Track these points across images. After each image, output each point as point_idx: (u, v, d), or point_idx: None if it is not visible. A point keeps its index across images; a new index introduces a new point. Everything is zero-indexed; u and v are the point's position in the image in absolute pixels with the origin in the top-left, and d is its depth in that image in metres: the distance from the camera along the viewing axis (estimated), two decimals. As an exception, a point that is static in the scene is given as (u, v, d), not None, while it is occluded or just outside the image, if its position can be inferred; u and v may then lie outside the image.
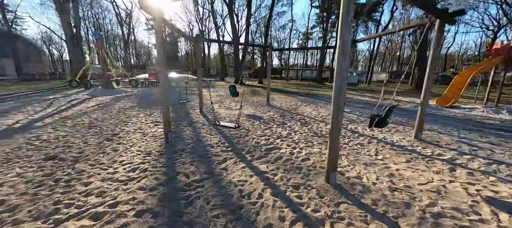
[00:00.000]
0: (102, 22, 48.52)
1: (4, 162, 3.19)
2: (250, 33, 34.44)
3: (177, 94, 12.24)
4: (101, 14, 47.76)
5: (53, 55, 60.55)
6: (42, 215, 2.05)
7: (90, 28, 43.31)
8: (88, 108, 7.48)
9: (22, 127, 5.06)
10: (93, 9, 44.96)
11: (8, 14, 33.24)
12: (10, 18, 34.13)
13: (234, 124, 5.18)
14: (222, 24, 34.91)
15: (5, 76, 27.69)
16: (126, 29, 38.66)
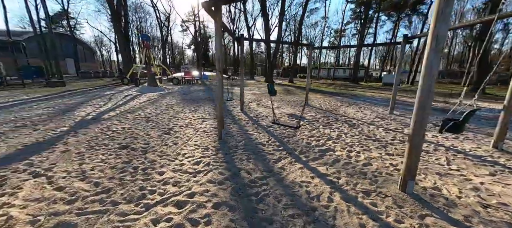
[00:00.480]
0: (143, 25, 53.22)
1: (89, 148, 3.67)
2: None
3: (213, 93, 12.70)
4: (143, 18, 52.41)
5: (103, 56, 68.33)
6: (133, 199, 2.27)
7: (133, 31, 47.96)
8: (141, 104, 8.23)
9: (94, 119, 5.78)
10: (137, 14, 49.58)
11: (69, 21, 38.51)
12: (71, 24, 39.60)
13: (295, 124, 5.12)
14: (253, 23, 35.21)
15: (67, 74, 32.11)
16: (164, 31, 41.68)
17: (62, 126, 5.02)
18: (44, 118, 5.75)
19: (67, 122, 5.39)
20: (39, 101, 8.40)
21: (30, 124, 5.15)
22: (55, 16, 41.17)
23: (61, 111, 6.67)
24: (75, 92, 11.54)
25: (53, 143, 3.90)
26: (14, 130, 4.67)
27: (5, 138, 4.13)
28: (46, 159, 3.22)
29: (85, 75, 27.95)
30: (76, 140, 4.04)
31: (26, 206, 2.12)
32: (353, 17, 37.85)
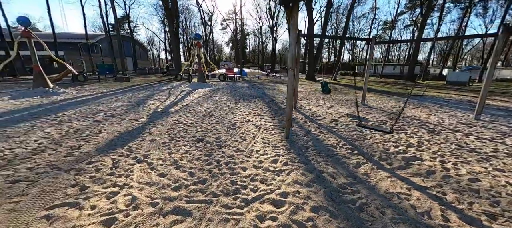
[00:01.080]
0: (188, 25, 57.28)
1: (170, 139, 4.04)
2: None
3: (259, 89, 12.83)
4: (188, 19, 56.40)
5: (153, 54, 76.20)
6: (230, 192, 2.37)
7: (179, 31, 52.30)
8: (197, 99, 8.82)
9: (163, 112, 6.41)
10: (183, 15, 53.55)
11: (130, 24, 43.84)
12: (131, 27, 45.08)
13: (389, 128, 4.64)
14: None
15: (127, 70, 36.87)
16: (207, 30, 44.10)
17: (141, 117, 5.69)
18: (124, 109, 6.63)
19: (143, 113, 6.10)
20: (116, 94, 9.79)
21: (116, 114, 6.00)
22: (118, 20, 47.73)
23: (135, 103, 7.62)
24: (139, 87, 13.10)
25: (140, 132, 4.43)
26: (107, 119, 5.49)
27: (103, 125, 4.87)
28: (140, 146, 3.65)
29: (142, 72, 31.62)
30: (158, 131, 4.51)
31: (142, 189, 2.41)
32: (410, 5, 33.42)
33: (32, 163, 2.98)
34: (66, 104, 7.49)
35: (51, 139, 3.97)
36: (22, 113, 5.99)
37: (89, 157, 3.20)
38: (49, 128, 4.64)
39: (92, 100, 8.31)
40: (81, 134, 4.27)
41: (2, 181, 2.51)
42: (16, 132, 4.35)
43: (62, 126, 4.80)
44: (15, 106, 7.07)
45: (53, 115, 5.82)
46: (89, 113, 6.08)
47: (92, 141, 3.86)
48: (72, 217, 1.93)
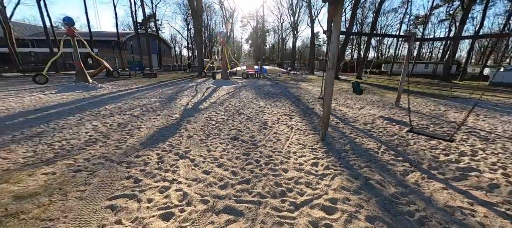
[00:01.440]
0: (208, 22, 58.41)
1: (206, 136, 4.14)
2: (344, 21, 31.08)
3: (282, 88, 12.66)
4: (209, 16, 57.50)
5: (175, 51, 79.05)
6: (276, 195, 2.35)
7: (201, 28, 53.77)
8: (223, 96, 8.96)
9: (193, 109, 6.61)
10: (205, 12, 54.68)
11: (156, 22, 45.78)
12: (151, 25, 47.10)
13: (447, 136, 4.27)
14: (316, 15, 33.30)
15: (153, 67, 38.67)
16: (229, 27, 44.58)
17: (174, 113, 5.92)
18: (158, 105, 6.96)
19: (175, 109, 6.34)
20: (147, 90, 10.31)
21: (151, 109, 6.31)
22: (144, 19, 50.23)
23: (166, 99, 7.96)
24: (167, 83, 13.68)
25: (177, 128, 4.60)
26: (144, 114, 5.79)
27: (142, 120, 5.15)
28: (179, 142, 3.79)
29: (166, 68, 32.97)
30: (193, 128, 4.65)
31: (190, 185, 2.49)
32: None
33: (87, 154, 3.23)
34: (106, 98, 8.06)
35: (99, 131, 4.29)
36: (69, 106, 6.57)
37: (136, 150, 3.39)
38: (95, 121, 5.02)
39: (127, 95, 8.85)
40: (124, 128, 4.55)
41: (65, 170, 2.75)
42: (68, 124, 4.77)
43: (106, 119, 5.17)
44: (62, 99, 7.77)
45: (96, 109, 6.30)
46: (127, 108, 6.48)
47: (135, 135, 4.09)
48: (133, 209, 2.04)
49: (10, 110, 5.98)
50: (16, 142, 3.67)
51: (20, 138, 3.85)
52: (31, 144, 3.57)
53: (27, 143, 3.62)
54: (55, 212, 1.96)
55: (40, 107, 6.49)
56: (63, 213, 1.94)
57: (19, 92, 9.19)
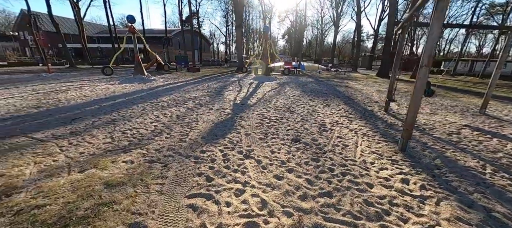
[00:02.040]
0: (246, 17, 58.95)
1: (264, 136, 3.92)
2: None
3: (328, 86, 11.80)
4: (247, 11, 57.99)
5: (213, 47, 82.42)
6: (371, 216, 1.95)
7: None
8: (269, 93, 8.72)
9: (242, 104, 6.52)
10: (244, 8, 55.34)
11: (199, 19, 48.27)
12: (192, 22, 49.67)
13: None
14: (365, 7, 30.37)
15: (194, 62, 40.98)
16: (267, 22, 44.28)
17: (225, 108, 5.90)
18: (208, 99, 7.09)
19: (225, 104, 6.34)
20: (194, 84, 10.77)
21: (203, 103, 6.44)
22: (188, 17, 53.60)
23: (214, 94, 8.10)
24: (210, 78, 14.15)
25: (232, 124, 4.51)
26: (197, 107, 5.93)
27: (197, 114, 5.24)
28: (239, 140, 3.65)
29: (206, 63, 34.54)
30: (248, 125, 4.50)
31: (265, 191, 2.26)
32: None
33: (156, 145, 3.33)
34: (160, 90, 8.63)
35: (161, 122, 4.47)
36: (132, 96, 7.19)
37: (199, 145, 3.37)
38: (156, 112, 5.31)
39: (177, 88, 9.35)
40: (182, 120, 4.67)
41: (141, 160, 2.83)
42: (135, 113, 5.13)
43: (165, 111, 5.42)
44: (125, 89, 8.61)
45: (154, 100, 6.73)
46: (180, 100, 6.76)
47: (195, 129, 4.12)
48: (214, 212, 1.91)
49: (87, 98, 6.82)
50: (96, 128, 4.04)
51: (98, 124, 4.25)
52: (108, 131, 3.88)
53: (105, 129, 3.95)
54: (142, 205, 1.95)
55: (109, 96, 7.26)
56: (150, 208, 1.91)
57: (91, 82, 10.58)
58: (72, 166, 2.60)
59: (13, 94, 7.17)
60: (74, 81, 10.81)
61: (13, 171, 2.43)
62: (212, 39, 75.82)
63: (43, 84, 9.69)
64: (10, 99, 6.37)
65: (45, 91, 7.76)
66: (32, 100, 6.34)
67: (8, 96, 6.84)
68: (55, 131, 3.82)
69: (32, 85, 9.28)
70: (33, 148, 3.08)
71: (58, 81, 10.88)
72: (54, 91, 7.88)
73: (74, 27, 38.91)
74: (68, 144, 3.28)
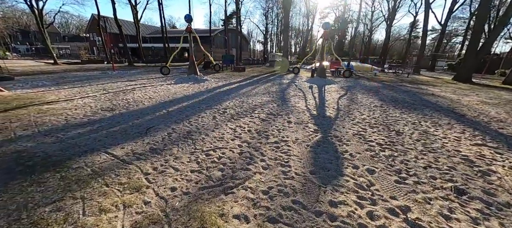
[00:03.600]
0: (287, 16, 57.18)
1: (400, 176, 2.71)
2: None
3: (406, 93, 9.72)
4: (288, 9, 56.18)
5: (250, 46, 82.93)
6: None
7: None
8: (342, 101, 7.36)
9: (321, 116, 5.37)
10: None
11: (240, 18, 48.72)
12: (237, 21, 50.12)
13: None
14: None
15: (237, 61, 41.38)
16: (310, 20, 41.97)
17: (305, 121, 4.85)
18: (275, 106, 6.15)
19: (301, 115, 5.29)
20: (248, 85, 10.04)
21: (275, 113, 5.52)
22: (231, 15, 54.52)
23: (278, 99, 7.15)
24: (259, 78, 13.35)
25: (334, 150, 3.41)
26: (272, 119, 5.01)
27: (278, 129, 4.30)
28: (368, 183, 2.53)
29: (246, 62, 34.35)
30: (357, 152, 3.34)
31: None
32: None
33: (260, 183, 2.45)
34: (219, 93, 8.09)
35: (243, 140, 3.66)
36: (194, 100, 6.73)
37: (317, 187, 2.36)
38: (229, 123, 4.57)
39: (235, 91, 8.71)
40: (266, 138, 3.78)
41: (257, 214, 1.96)
42: (207, 123, 4.47)
43: (238, 122, 4.65)
44: (184, 91, 8.34)
45: (219, 105, 6.10)
46: (247, 107, 5.98)
47: (291, 155, 3.16)
48: None
49: (152, 100, 6.60)
50: (174, 143, 3.43)
51: (175, 138, 3.65)
52: (189, 150, 3.21)
53: (185, 147, 3.29)
54: None
55: (172, 98, 6.96)
56: None
57: (149, 81, 10.81)
58: (171, 219, 1.85)
59: (88, 93, 7.46)
60: (135, 80, 11.25)
61: (103, 224, 1.79)
62: (249, 37, 76.32)
63: (110, 82, 10.22)
64: (86, 99, 6.51)
65: (114, 91, 7.94)
66: (105, 100, 6.36)
67: (84, 95, 7.09)
68: (133, 145, 3.32)
69: (102, 83, 9.82)
70: (116, 174, 2.52)
71: (122, 79, 11.47)
72: (121, 90, 8.03)
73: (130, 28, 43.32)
74: (152, 169, 2.66)
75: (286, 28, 18.11)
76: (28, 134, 3.64)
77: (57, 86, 8.79)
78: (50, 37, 28.51)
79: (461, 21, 45.13)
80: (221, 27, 50.42)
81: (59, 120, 4.48)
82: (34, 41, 52.90)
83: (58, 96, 6.89)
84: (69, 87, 8.63)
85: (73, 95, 7.01)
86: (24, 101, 5.95)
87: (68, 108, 5.40)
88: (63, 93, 7.32)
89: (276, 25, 61.56)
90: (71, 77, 11.72)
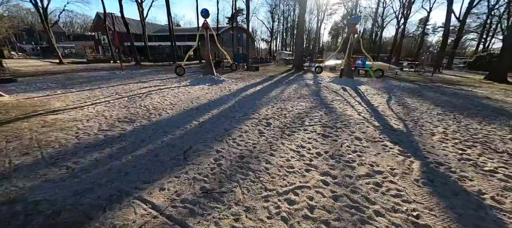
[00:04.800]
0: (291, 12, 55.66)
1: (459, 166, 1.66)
2: None
3: (451, 95, 8.55)
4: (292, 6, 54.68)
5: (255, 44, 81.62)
6: None
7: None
8: (393, 107, 6.29)
9: (391, 129, 4.32)
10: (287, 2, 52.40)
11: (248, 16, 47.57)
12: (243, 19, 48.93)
13: None
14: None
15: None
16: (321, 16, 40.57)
17: (374, 137, 3.81)
18: (324, 115, 5.11)
19: (365, 127, 4.24)
20: (272, 86, 9.00)
21: (330, 124, 4.49)
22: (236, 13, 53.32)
23: (320, 105, 6.11)
24: (278, 78, 12.28)
25: (428, 164, 2.38)
26: (331, 132, 3.98)
27: (354, 151, 3.27)
28: None
29: (255, 61, 33.24)
30: (469, 176, 2.30)
31: None
32: None
33: None
34: (246, 97, 7.08)
35: (323, 170, 2.64)
36: (223, 106, 5.73)
37: None
38: (285, 142, 3.56)
39: (261, 93, 7.70)
40: (351, 166, 2.76)
41: None
42: (258, 143, 3.47)
43: (295, 139, 3.63)
44: (206, 94, 7.34)
45: (255, 114, 5.09)
46: (292, 116, 4.95)
47: (413, 203, 2.14)
48: None
49: (175, 107, 5.62)
50: (231, 178, 2.43)
51: (228, 168, 2.65)
52: (258, 192, 2.21)
53: (250, 187, 2.29)
54: None
55: (196, 104, 5.98)
56: None
57: (163, 82, 9.85)
58: None
59: (99, 98, 6.52)
60: (147, 81, 10.31)
61: None
62: (254, 35, 75.07)
63: (121, 84, 9.28)
64: (98, 106, 5.57)
65: (128, 95, 6.99)
66: (120, 108, 5.40)
67: (96, 101, 6.15)
68: (175, 182, 2.34)
69: (113, 85, 8.89)
70: (168, 250, 1.53)
71: (133, 80, 10.54)
72: (136, 94, 7.06)
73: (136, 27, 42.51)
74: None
75: (302, 18, 16.81)
76: (28, 163, 2.68)
77: (64, 89, 7.88)
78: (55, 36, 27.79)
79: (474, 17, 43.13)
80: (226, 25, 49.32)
81: (69, 137, 3.52)
82: (39, 40, 52.58)
83: (65, 102, 5.95)
84: (78, 90, 7.71)
85: (83, 101, 6.07)
86: (26, 110, 5.02)
87: (79, 119, 4.45)
88: (71, 98, 6.38)
89: (281, 22, 60.27)
90: (79, 78, 10.83)
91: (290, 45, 68.95)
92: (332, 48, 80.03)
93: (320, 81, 11.72)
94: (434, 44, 74.71)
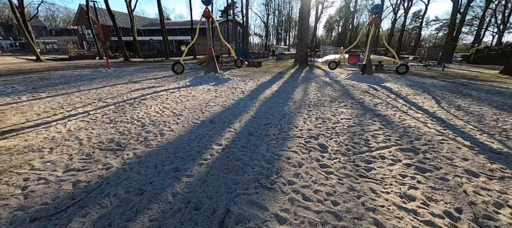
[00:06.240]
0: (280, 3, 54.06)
1: None
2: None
3: (490, 93, 7.46)
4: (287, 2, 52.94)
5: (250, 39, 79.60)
6: None
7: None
8: (444, 108, 5.09)
9: (438, 132, 3.08)
10: None
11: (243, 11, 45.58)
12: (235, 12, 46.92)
13: None
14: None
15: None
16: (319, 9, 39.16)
17: (489, 167, 2.56)
18: (373, 124, 3.82)
19: (463, 155, 3.00)
20: (288, 86, 7.64)
21: (405, 149, 3.20)
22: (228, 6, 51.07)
23: (362, 111, 4.82)
24: (288, 75, 10.94)
25: None
26: (388, 158, 2.70)
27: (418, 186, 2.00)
28: None
29: (254, 56, 31.69)
30: None
31: None
32: None
33: None
34: (266, 101, 5.70)
35: None
36: (243, 116, 4.33)
37: None
38: (363, 181, 2.24)
39: (278, 95, 6.33)
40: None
41: None
42: (335, 196, 2.12)
43: (377, 177, 2.32)
44: (214, 97, 5.91)
45: (293, 128, 3.73)
46: (344, 131, 3.62)
47: None
48: None
49: (180, 118, 4.16)
50: None
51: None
52: None
53: None
54: None
55: (208, 113, 4.55)
56: None
57: (158, 82, 8.28)
58: None
59: (75, 107, 4.96)
60: (139, 81, 8.71)
61: None
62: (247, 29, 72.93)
63: (107, 85, 7.66)
64: (72, 120, 4.04)
65: (115, 102, 5.45)
66: (104, 124, 3.90)
67: (70, 111, 4.60)
68: None
69: (96, 87, 7.27)
70: None
71: (122, 80, 8.90)
72: (127, 101, 5.53)
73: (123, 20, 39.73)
74: None
75: (307, 8, 15.40)
76: None
77: (32, 92, 6.23)
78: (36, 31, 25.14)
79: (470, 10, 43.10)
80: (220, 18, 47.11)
81: (12, 192, 2.06)
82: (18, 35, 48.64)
83: (27, 114, 4.38)
84: (49, 94, 6.09)
85: (52, 113, 4.51)
86: (-38, 130, 3.45)
87: (38, 148, 2.95)
88: (36, 108, 4.80)
89: (276, 16, 58.60)
90: (55, 78, 9.07)
91: (285, 40, 67.34)
92: (327, 42, 78.93)
93: (336, 78, 10.46)
94: (427, 38, 75.17)
